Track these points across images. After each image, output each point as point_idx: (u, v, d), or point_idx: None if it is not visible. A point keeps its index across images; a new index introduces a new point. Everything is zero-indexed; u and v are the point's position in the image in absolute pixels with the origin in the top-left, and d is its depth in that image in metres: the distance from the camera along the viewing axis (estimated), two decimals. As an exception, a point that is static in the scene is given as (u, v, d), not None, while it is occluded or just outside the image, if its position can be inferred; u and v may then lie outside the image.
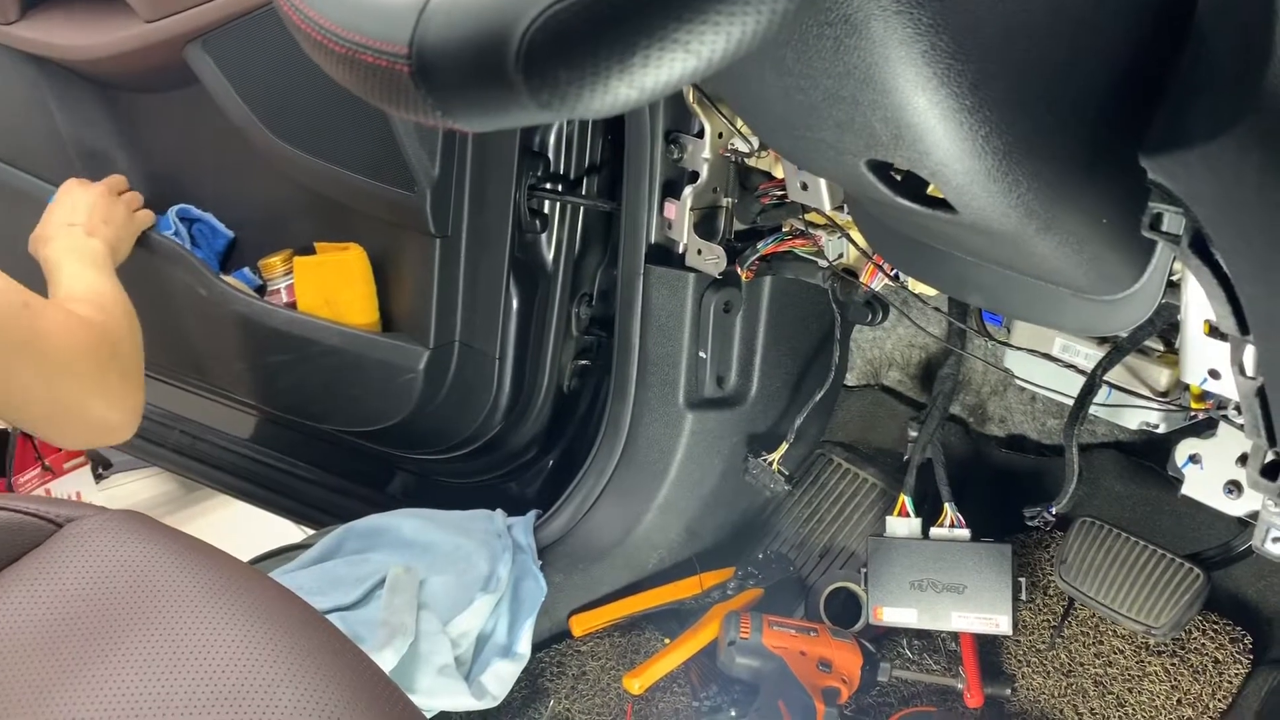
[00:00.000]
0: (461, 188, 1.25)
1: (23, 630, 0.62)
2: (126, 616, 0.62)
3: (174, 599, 0.64)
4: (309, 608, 0.68)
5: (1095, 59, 0.55)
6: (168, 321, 1.43)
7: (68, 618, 0.62)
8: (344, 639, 0.67)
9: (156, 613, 0.62)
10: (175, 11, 1.27)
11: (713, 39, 0.34)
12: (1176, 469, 0.89)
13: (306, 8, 0.45)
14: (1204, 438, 0.86)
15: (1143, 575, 1.02)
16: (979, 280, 0.78)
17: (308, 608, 0.67)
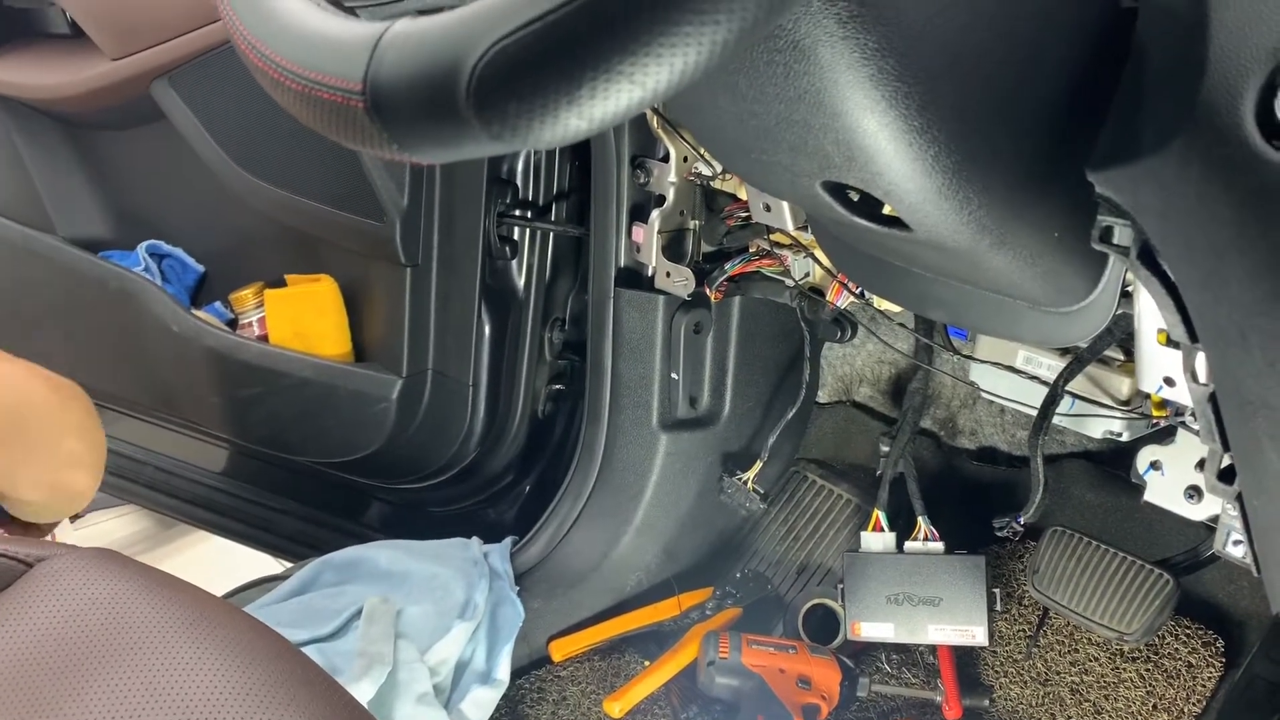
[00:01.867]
0: (431, 217, 1.26)
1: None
2: (99, 654, 0.62)
3: (147, 635, 0.63)
4: (284, 641, 0.67)
5: (1040, 79, 0.57)
6: (140, 357, 1.43)
7: (40, 657, 0.62)
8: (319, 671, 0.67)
9: (130, 649, 0.62)
10: (141, 49, 1.28)
11: (657, 70, 0.35)
12: (1139, 476, 0.91)
13: (263, 46, 0.46)
14: (1164, 444, 0.88)
15: (1114, 582, 1.03)
16: (939, 296, 0.79)
17: (282, 641, 0.67)
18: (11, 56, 1.41)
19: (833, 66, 0.52)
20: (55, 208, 1.47)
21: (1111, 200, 0.57)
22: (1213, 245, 0.50)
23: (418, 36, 0.38)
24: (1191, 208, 0.50)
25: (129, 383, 1.51)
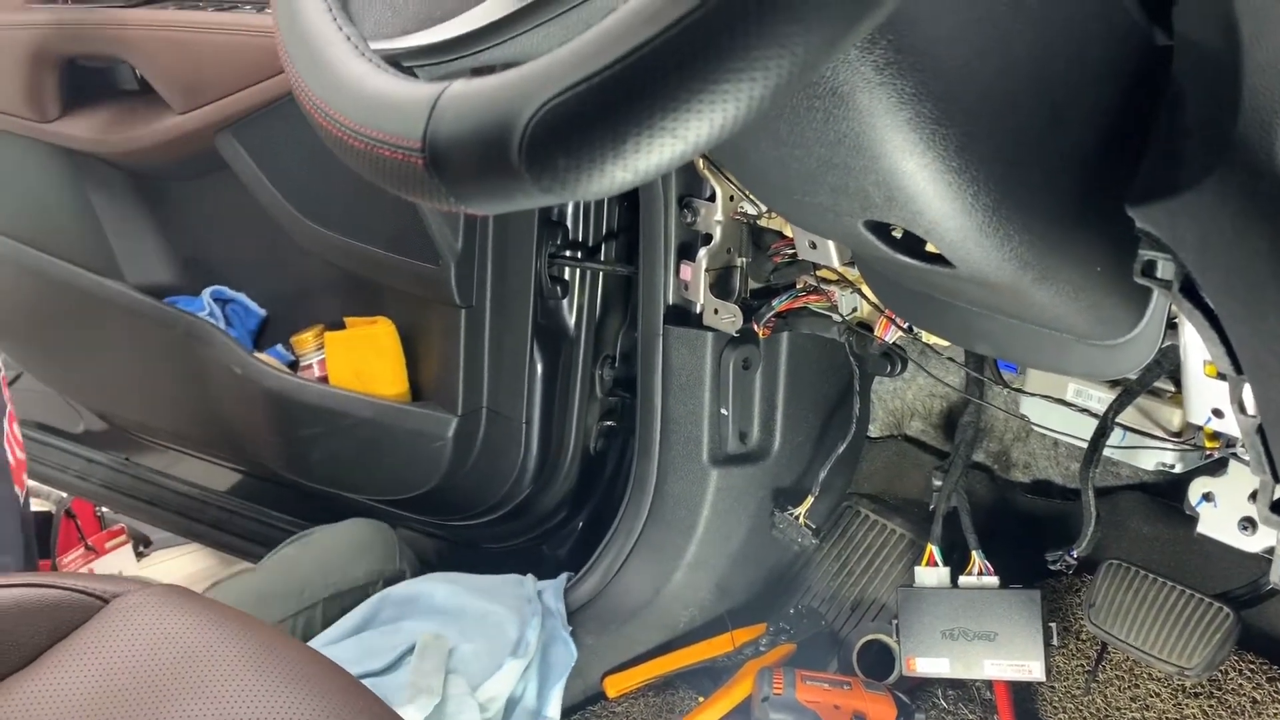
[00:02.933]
0: (484, 259, 1.29)
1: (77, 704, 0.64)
2: (174, 686, 0.64)
3: (218, 668, 0.66)
4: (346, 674, 0.70)
5: (1076, 118, 0.58)
6: (204, 398, 1.47)
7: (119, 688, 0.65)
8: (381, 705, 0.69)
9: (202, 682, 0.64)
10: (206, 103, 1.33)
11: (698, 125, 0.37)
12: (1192, 508, 0.90)
13: (327, 106, 0.48)
14: (1216, 476, 0.87)
15: (1172, 616, 1.02)
16: (985, 330, 0.80)
17: (345, 674, 0.70)
18: (84, 113, 1.47)
19: (871, 111, 0.53)
20: (124, 256, 1.53)
21: (1152, 234, 0.58)
22: (1251, 278, 0.51)
23: (473, 98, 0.40)
24: (1229, 242, 0.51)
25: (194, 423, 1.56)
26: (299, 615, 1.24)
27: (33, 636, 0.69)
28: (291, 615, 1.24)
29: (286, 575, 1.29)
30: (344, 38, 0.50)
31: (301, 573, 1.29)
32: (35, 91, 1.44)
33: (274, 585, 1.27)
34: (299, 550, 1.32)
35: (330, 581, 1.28)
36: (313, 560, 1.31)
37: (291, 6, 0.53)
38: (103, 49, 1.39)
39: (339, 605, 1.28)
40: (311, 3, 0.52)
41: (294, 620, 1.24)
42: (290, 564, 1.31)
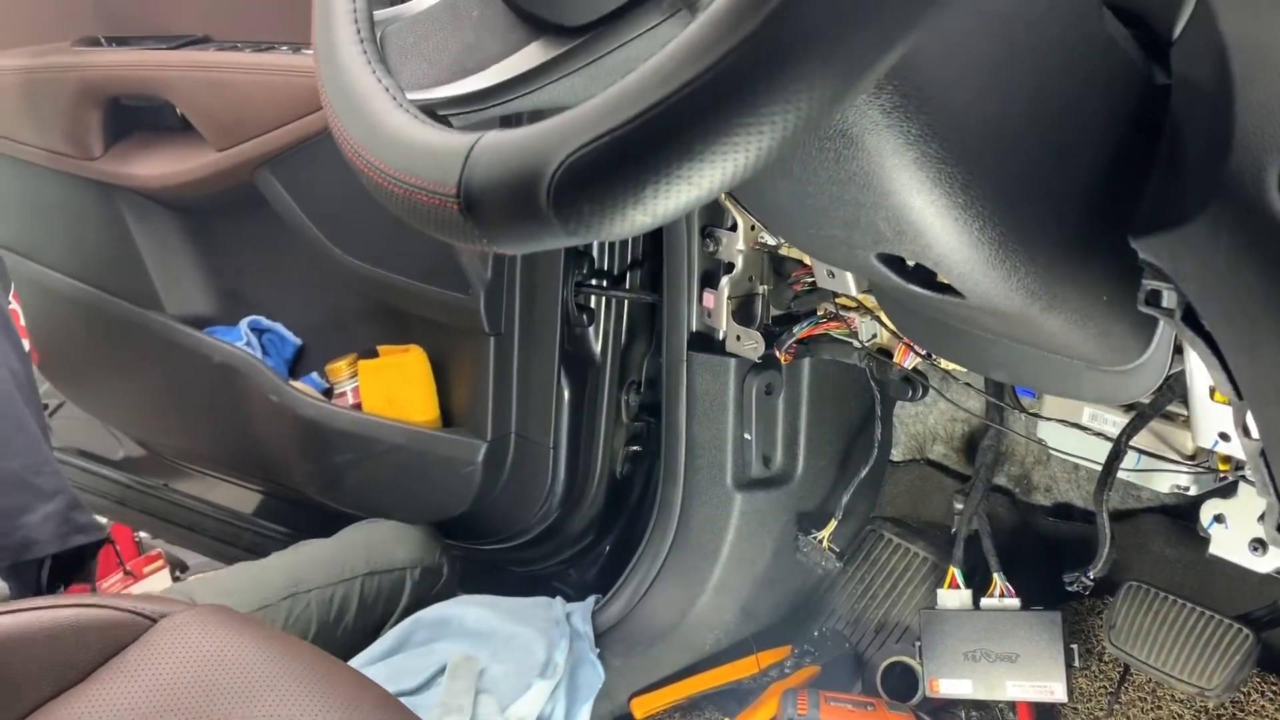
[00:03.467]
0: (513, 288, 1.33)
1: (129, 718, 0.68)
2: (221, 703, 0.67)
3: (261, 685, 0.69)
4: (383, 690, 0.73)
5: (1078, 155, 0.60)
6: (241, 426, 1.51)
7: (168, 705, 0.68)
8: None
9: (246, 698, 0.67)
10: (244, 140, 1.38)
11: (711, 172, 0.40)
12: (1204, 529, 0.91)
13: (368, 154, 0.52)
14: (1227, 498, 0.89)
15: (1192, 637, 1.03)
16: (1000, 357, 0.82)
17: (382, 690, 0.73)
18: (127, 150, 1.53)
19: (879, 152, 0.56)
20: (165, 288, 1.57)
21: (1154, 265, 0.60)
22: (1245, 309, 0.53)
23: (504, 148, 0.43)
24: (1223, 274, 0.53)
25: (231, 450, 1.60)
26: (338, 585, 1.28)
27: (86, 654, 0.73)
28: (332, 584, 1.28)
29: (328, 551, 1.34)
30: (383, 89, 0.53)
31: (343, 550, 1.34)
32: (81, 130, 1.49)
33: (315, 556, 1.32)
34: (347, 532, 1.38)
35: (371, 559, 1.33)
36: (354, 541, 1.37)
37: (334, 60, 0.56)
38: (145, 89, 1.45)
39: (377, 584, 1.31)
40: (353, 56, 0.56)
41: (334, 589, 1.28)
42: (335, 543, 1.36)
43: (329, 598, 1.27)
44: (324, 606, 1.27)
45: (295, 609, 1.24)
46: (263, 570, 1.30)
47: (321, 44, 0.58)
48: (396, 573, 1.35)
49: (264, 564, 1.31)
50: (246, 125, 1.36)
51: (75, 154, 1.52)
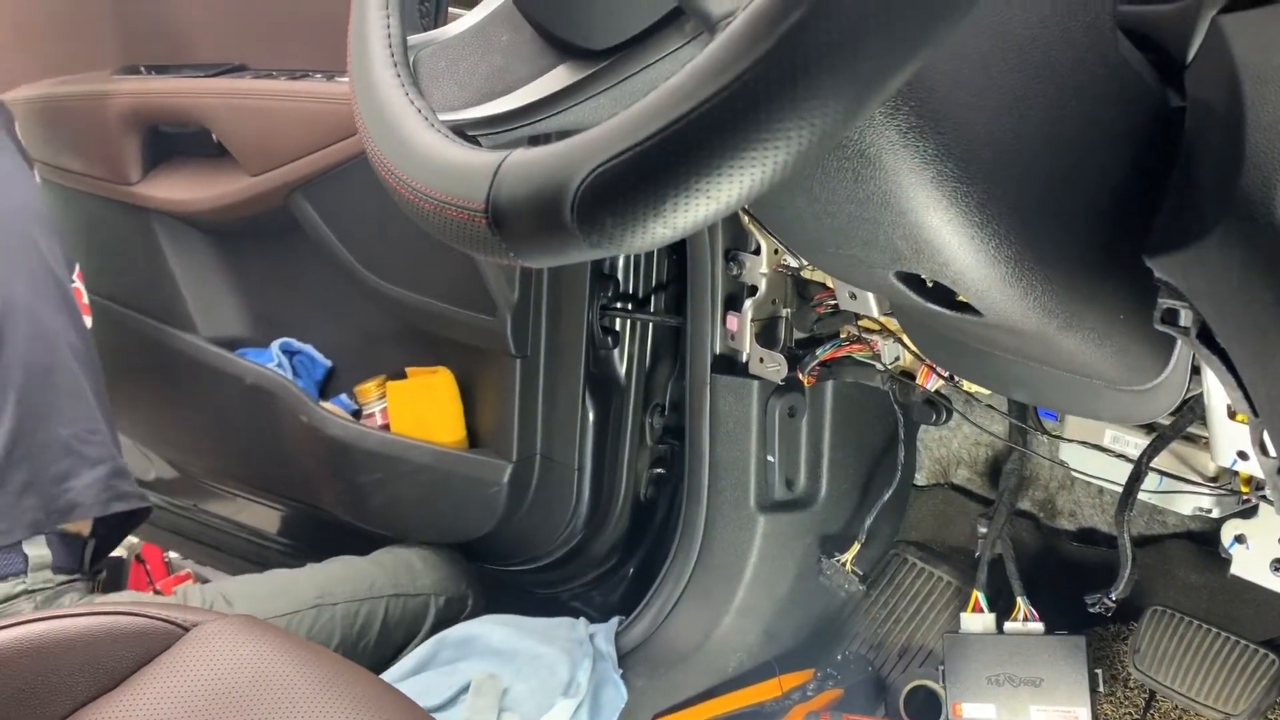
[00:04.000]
0: (539, 311, 1.34)
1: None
2: (252, 711, 0.69)
3: (291, 693, 0.70)
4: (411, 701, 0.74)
5: (1093, 175, 0.62)
6: (271, 446, 1.54)
7: (199, 712, 0.69)
8: (440, 731, 0.73)
9: (276, 705, 0.69)
10: (278, 165, 1.41)
11: (729, 186, 0.41)
12: (1225, 550, 0.91)
13: (400, 172, 0.54)
14: (1248, 519, 0.89)
15: (1218, 662, 1.02)
16: (1019, 377, 0.83)
17: (410, 701, 0.74)
18: (163, 175, 1.56)
19: (896, 171, 0.57)
20: (198, 310, 1.61)
21: (1169, 284, 0.61)
22: (1257, 325, 0.53)
23: (530, 165, 0.45)
24: (1235, 291, 0.54)
25: (261, 470, 1.62)
26: (364, 602, 1.32)
27: (121, 661, 0.74)
28: (358, 600, 1.31)
29: (357, 568, 1.38)
30: (415, 110, 0.55)
31: (372, 569, 1.38)
32: (120, 156, 1.53)
33: (345, 572, 1.36)
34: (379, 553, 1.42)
35: (398, 582, 1.36)
36: (383, 562, 1.40)
37: (368, 82, 0.59)
38: (183, 116, 1.48)
39: (402, 606, 1.34)
40: (387, 79, 0.58)
41: (359, 606, 1.30)
42: (366, 561, 1.40)
43: (354, 613, 1.30)
44: (348, 620, 1.29)
45: (320, 619, 1.27)
46: (294, 578, 1.34)
47: (357, 67, 0.60)
48: (421, 598, 1.38)
49: (296, 573, 1.35)
50: (280, 151, 1.39)
51: (114, 179, 1.56)
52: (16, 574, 1.22)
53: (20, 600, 1.21)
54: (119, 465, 1.35)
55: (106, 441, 1.33)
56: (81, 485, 1.28)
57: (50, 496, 1.26)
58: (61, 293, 1.35)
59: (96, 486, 1.30)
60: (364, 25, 0.62)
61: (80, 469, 1.29)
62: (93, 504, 1.29)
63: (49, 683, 0.73)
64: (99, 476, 1.30)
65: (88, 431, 1.31)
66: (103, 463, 1.32)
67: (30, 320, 1.28)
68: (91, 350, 1.37)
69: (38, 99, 1.57)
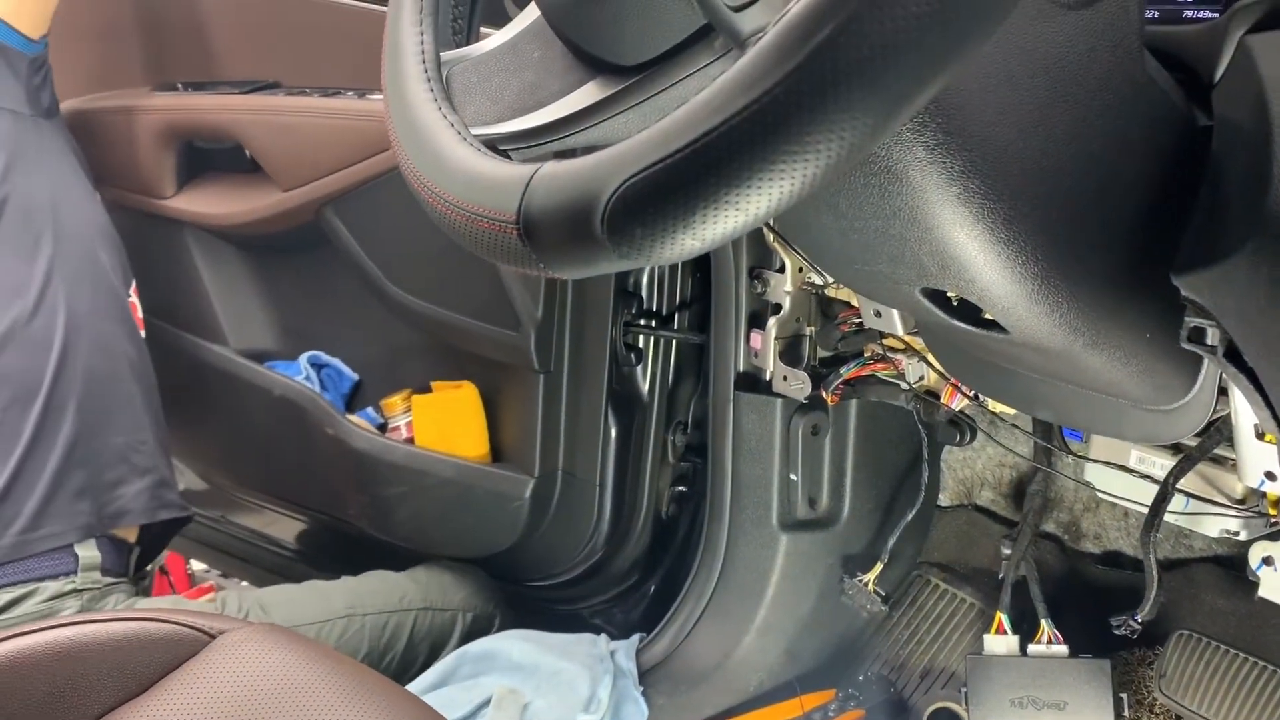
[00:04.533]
0: (562, 327, 1.35)
1: (185, 728, 0.70)
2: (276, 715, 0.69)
3: (315, 701, 0.71)
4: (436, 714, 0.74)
5: (1119, 193, 0.62)
6: (298, 458, 1.55)
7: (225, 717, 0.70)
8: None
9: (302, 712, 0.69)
10: (309, 181, 1.43)
11: (758, 198, 0.42)
12: (1253, 572, 0.91)
13: (433, 185, 0.55)
14: (1275, 540, 0.88)
15: (1245, 687, 1.01)
16: (1045, 396, 0.83)
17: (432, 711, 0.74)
18: (197, 189, 1.59)
19: (923, 187, 0.58)
20: (229, 322, 1.63)
21: (1196, 302, 0.61)
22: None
23: (561, 177, 0.46)
24: (1263, 309, 0.54)
25: (288, 482, 1.64)
26: (393, 614, 1.34)
27: (148, 666, 0.75)
28: (387, 612, 1.34)
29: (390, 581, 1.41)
30: (448, 124, 0.56)
31: (403, 582, 1.41)
32: (156, 170, 1.56)
33: (377, 585, 1.39)
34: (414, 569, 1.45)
35: (428, 596, 1.39)
36: (415, 576, 1.43)
37: (402, 97, 0.60)
38: (217, 131, 1.51)
39: (430, 619, 1.35)
40: (420, 94, 0.59)
41: (388, 617, 1.33)
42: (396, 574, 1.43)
43: (382, 624, 1.32)
44: (376, 632, 1.31)
45: (350, 629, 1.29)
46: (328, 589, 1.37)
47: (391, 82, 0.61)
48: (449, 613, 1.40)
49: (330, 584, 1.38)
50: (312, 166, 1.41)
51: (149, 192, 1.58)
52: (67, 573, 1.25)
53: (69, 598, 1.25)
54: (165, 475, 1.39)
55: (154, 451, 1.38)
56: (132, 493, 1.33)
57: (103, 502, 1.30)
58: (120, 306, 1.40)
59: (145, 495, 1.34)
60: (398, 41, 0.63)
61: (131, 477, 1.33)
62: (141, 511, 1.33)
63: (78, 686, 0.74)
64: (147, 485, 1.35)
65: (138, 441, 1.36)
66: (151, 472, 1.36)
67: (93, 332, 1.33)
68: (146, 362, 1.43)
69: (77, 113, 1.59)
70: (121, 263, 1.44)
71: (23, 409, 1.25)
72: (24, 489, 1.24)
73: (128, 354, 1.38)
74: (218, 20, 1.59)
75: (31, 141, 1.34)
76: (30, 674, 0.73)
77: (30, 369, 1.26)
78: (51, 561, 1.24)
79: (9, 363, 1.25)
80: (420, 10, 0.63)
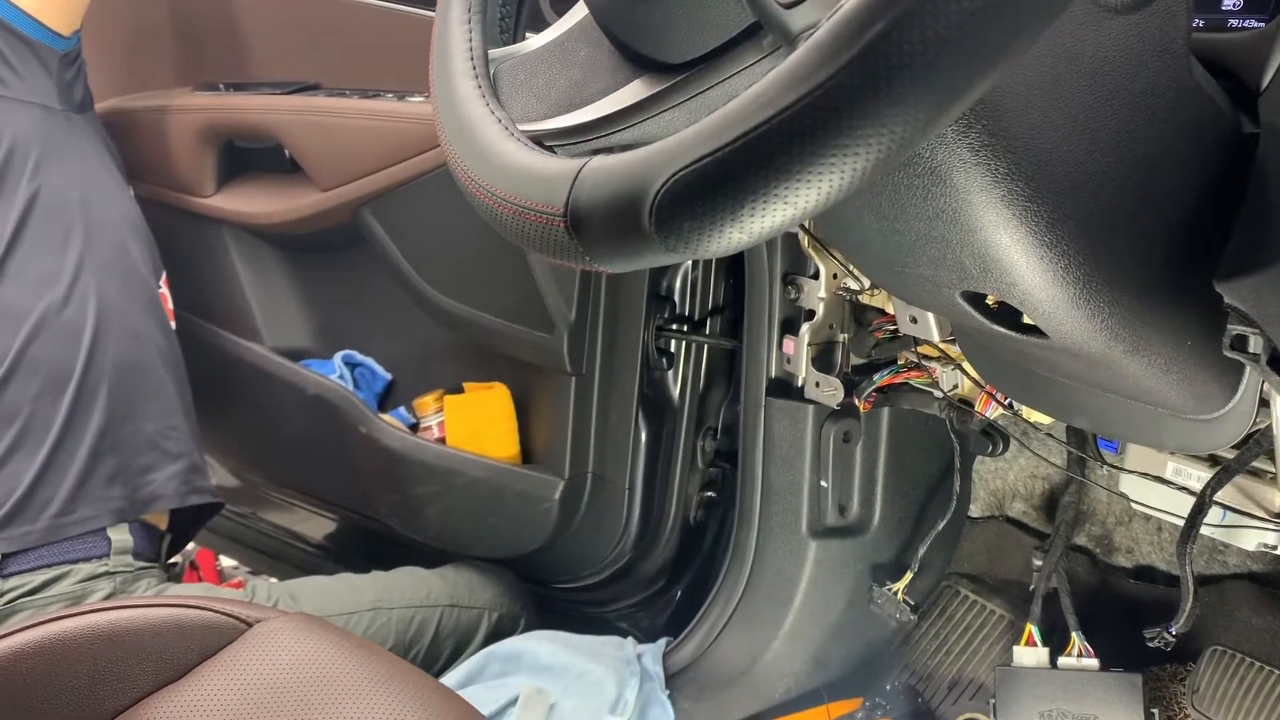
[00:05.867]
0: (595, 330, 1.36)
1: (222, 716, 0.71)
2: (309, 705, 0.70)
3: (349, 689, 0.72)
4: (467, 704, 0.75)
5: (1164, 199, 0.62)
6: (330, 456, 1.56)
7: (259, 705, 0.71)
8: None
9: (335, 700, 0.70)
10: (347, 181, 1.44)
11: (807, 192, 0.42)
12: (1291, 586, 0.90)
13: (481, 179, 0.56)
14: (1315, 553, 0.87)
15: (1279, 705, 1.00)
16: (1082, 404, 0.83)
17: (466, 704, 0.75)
18: (237, 188, 1.61)
19: (967, 189, 0.58)
20: (265, 321, 1.64)
21: (1239, 310, 0.61)
22: (1330, 350, 0.53)
23: (610, 170, 0.47)
24: (1309, 316, 0.54)
25: (320, 479, 1.65)
26: (419, 609, 1.36)
27: (187, 653, 0.76)
28: (413, 607, 1.35)
29: (419, 577, 1.42)
30: (495, 120, 0.57)
31: (431, 578, 1.42)
32: (197, 169, 1.58)
33: (406, 580, 1.40)
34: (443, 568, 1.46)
35: (455, 594, 1.40)
36: (444, 573, 1.44)
37: (450, 93, 0.61)
38: (258, 131, 1.53)
39: (456, 617, 1.36)
40: (468, 90, 0.60)
41: (414, 612, 1.35)
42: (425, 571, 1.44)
43: (409, 619, 1.33)
44: (402, 626, 1.32)
45: (376, 622, 1.30)
46: (357, 581, 1.38)
47: (439, 79, 0.62)
48: (475, 611, 1.41)
49: (359, 577, 1.40)
50: (350, 167, 1.43)
51: (190, 191, 1.60)
52: (100, 556, 1.27)
53: (101, 580, 1.27)
54: (196, 461, 1.42)
55: (185, 438, 1.40)
56: (163, 478, 1.35)
57: (134, 487, 1.32)
58: (150, 297, 1.42)
59: (176, 480, 1.36)
60: (446, 39, 0.64)
61: (162, 463, 1.35)
62: (172, 496, 1.35)
63: (117, 671, 0.75)
64: (178, 470, 1.37)
65: (169, 428, 1.38)
66: (182, 457, 1.38)
67: (123, 321, 1.35)
68: (176, 353, 1.45)
69: (121, 111, 1.62)
70: (152, 255, 1.46)
71: (55, 397, 1.27)
72: (57, 475, 1.26)
73: (158, 343, 1.40)
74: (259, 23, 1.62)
75: (62, 136, 1.36)
76: (70, 657, 0.75)
77: (62, 357, 1.29)
78: (85, 545, 1.26)
79: (41, 351, 1.28)
80: (469, 9, 0.64)
